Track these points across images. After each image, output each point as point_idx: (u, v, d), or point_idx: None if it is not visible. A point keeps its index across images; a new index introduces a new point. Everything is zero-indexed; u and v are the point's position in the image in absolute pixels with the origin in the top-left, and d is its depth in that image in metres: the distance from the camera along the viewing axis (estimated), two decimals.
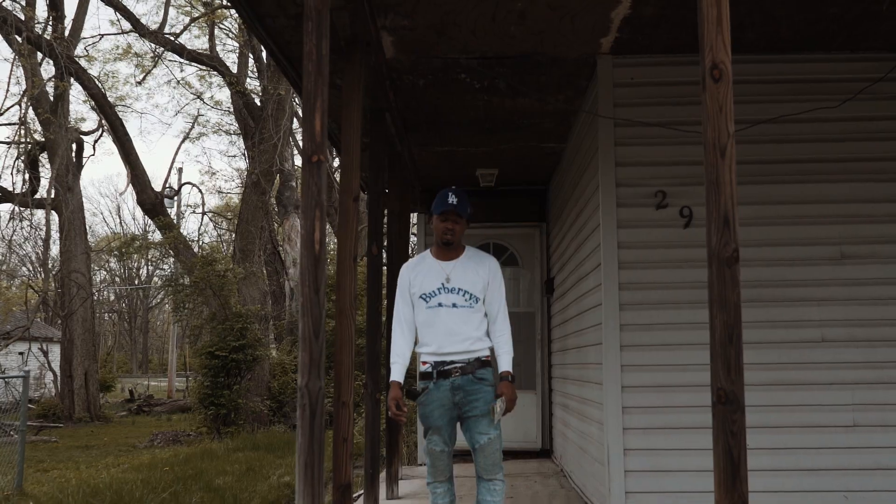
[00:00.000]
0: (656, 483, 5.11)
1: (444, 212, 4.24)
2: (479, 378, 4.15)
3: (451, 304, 4.18)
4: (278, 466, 10.41)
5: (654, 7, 4.67)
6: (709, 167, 3.22)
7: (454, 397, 4.13)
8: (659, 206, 5.27)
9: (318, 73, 3.39)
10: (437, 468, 4.23)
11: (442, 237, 4.27)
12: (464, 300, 4.19)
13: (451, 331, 4.16)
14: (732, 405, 3.20)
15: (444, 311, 4.18)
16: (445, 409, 4.14)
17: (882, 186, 5.26)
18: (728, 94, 3.23)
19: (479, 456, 4.15)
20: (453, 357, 4.15)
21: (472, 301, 4.21)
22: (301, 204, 3.42)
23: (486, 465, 4.15)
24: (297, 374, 3.33)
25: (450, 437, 4.20)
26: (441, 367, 4.16)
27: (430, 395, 4.16)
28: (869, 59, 5.26)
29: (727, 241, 3.18)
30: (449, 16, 4.79)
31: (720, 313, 3.21)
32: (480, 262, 4.32)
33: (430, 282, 4.24)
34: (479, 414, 4.12)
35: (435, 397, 4.15)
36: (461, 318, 4.17)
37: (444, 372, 4.15)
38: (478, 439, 4.11)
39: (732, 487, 3.14)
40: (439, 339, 4.17)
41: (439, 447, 4.18)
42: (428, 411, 4.17)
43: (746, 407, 5.00)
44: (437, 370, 4.16)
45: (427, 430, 4.23)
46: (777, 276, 5.23)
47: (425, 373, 4.22)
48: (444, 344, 4.16)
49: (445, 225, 4.25)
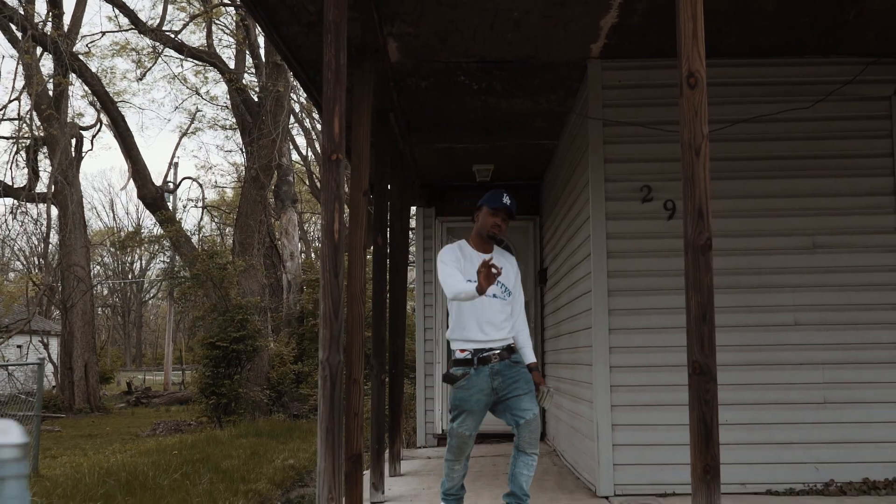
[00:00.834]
0: (641, 455, 5.53)
1: (499, 209, 4.50)
2: (515, 361, 4.41)
3: (493, 295, 4.39)
4: (281, 451, 10.80)
5: (640, 16, 5.07)
6: (685, 165, 3.62)
7: (493, 382, 4.32)
8: (645, 200, 5.68)
9: (337, 80, 3.78)
10: (463, 450, 4.41)
11: (490, 230, 4.52)
12: (501, 292, 4.47)
13: (491, 320, 4.38)
14: (706, 376, 3.59)
15: (487, 301, 4.37)
16: (484, 395, 4.32)
17: (851, 181, 5.68)
18: (702, 99, 3.63)
19: (524, 430, 4.34)
20: (492, 345, 4.37)
21: (506, 294, 4.50)
22: (322, 197, 3.81)
23: (530, 440, 4.34)
24: (319, 349, 3.71)
25: (478, 423, 4.40)
26: (480, 354, 4.35)
27: (470, 381, 4.33)
28: (838, 63, 5.67)
29: (701, 231, 3.59)
30: (451, 24, 5.18)
31: (695, 295, 3.61)
32: (509, 260, 4.65)
33: (474, 269, 4.38)
34: (522, 393, 4.34)
35: (475, 383, 4.32)
36: (500, 309, 4.43)
37: (484, 358, 4.34)
38: (523, 415, 4.31)
39: (706, 449, 3.55)
40: (481, 326, 4.36)
41: (469, 431, 4.36)
42: (467, 395, 4.33)
43: (725, 385, 5.47)
44: (476, 357, 4.35)
45: (460, 413, 4.37)
46: (753, 264, 5.65)
47: (465, 360, 4.38)
48: (486, 332, 4.36)
49: (496, 220, 4.51)
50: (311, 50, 5.53)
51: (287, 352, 18.97)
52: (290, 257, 21.20)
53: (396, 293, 7.19)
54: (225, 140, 58.36)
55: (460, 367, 4.39)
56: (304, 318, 20.76)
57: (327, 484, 3.64)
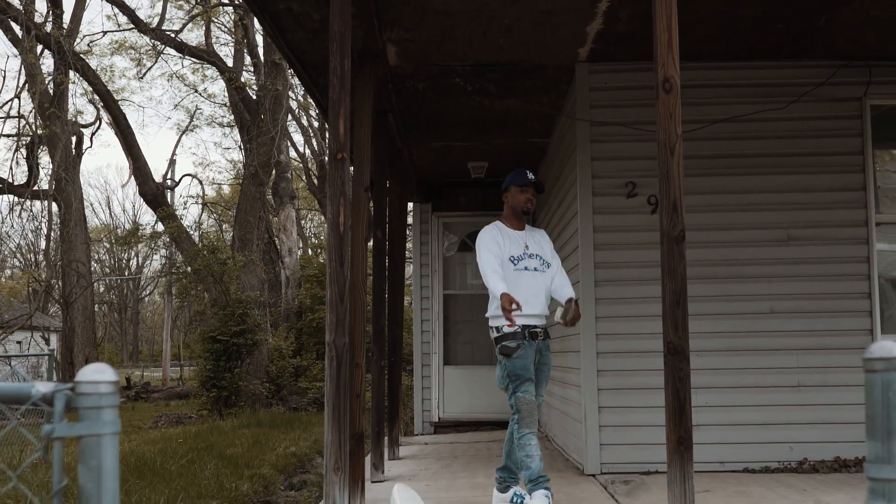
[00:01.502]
0: (626, 436, 5.88)
1: (527, 184, 4.78)
2: (548, 347, 4.74)
3: (534, 269, 4.70)
4: (283, 440, 11.12)
5: (624, 23, 5.41)
6: (661, 163, 3.96)
7: (536, 357, 4.62)
8: (629, 196, 6.02)
9: (342, 85, 4.11)
10: (532, 416, 4.56)
11: (523, 206, 4.80)
12: (540, 264, 4.73)
13: (534, 292, 4.63)
14: (679, 356, 3.93)
15: (529, 274, 4.67)
16: (532, 364, 4.59)
17: (823, 178, 6.03)
18: (677, 103, 3.97)
19: None
20: (535, 321, 4.63)
21: (545, 266, 4.75)
22: (328, 193, 4.14)
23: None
24: (326, 332, 4.04)
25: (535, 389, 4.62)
26: (529, 329, 4.59)
27: (525, 351, 4.56)
28: (811, 66, 6.02)
29: (675, 223, 3.93)
30: (447, 30, 5.52)
31: (669, 282, 3.95)
32: (541, 234, 4.92)
33: (515, 247, 4.71)
34: (542, 379, 4.71)
35: (527, 353, 4.56)
36: (540, 281, 4.70)
37: (533, 334, 4.60)
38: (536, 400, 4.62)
39: (680, 421, 3.89)
40: (525, 299, 4.52)
41: (532, 395, 4.57)
42: (525, 363, 4.54)
43: (705, 370, 5.83)
44: (526, 331, 4.58)
45: (521, 382, 4.55)
46: (732, 256, 5.99)
47: (515, 333, 4.56)
48: (529, 305, 4.56)
49: (527, 196, 4.79)
50: (314, 54, 5.85)
51: (286, 346, 19.28)
52: (288, 253, 21.51)
53: (394, 285, 7.53)
54: (222, 137, 58.62)
55: (512, 339, 4.57)
56: (303, 314, 21.07)
57: (334, 455, 3.98)
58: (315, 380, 18.50)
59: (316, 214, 34.64)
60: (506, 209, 4.91)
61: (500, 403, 9.80)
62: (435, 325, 10.07)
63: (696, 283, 5.84)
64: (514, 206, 4.84)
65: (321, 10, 5.10)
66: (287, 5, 5.09)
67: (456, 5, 5.15)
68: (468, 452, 7.72)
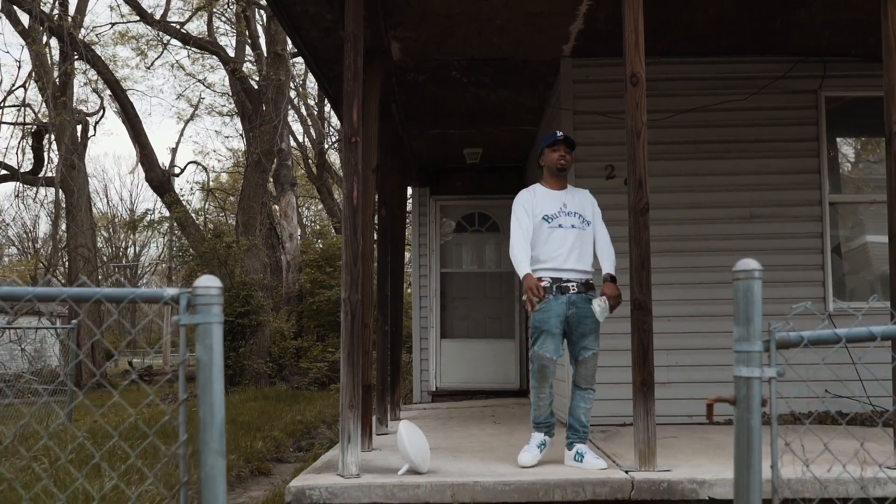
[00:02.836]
0: (606, 393, 6.55)
1: (557, 142, 4.81)
2: (590, 299, 4.70)
3: (571, 226, 4.74)
4: (288, 411, 11.81)
5: (602, 23, 6.09)
6: (629, 146, 4.65)
7: (568, 311, 4.64)
8: (608, 177, 6.71)
9: (355, 79, 4.77)
10: (545, 374, 4.67)
11: (557, 164, 4.82)
12: (579, 222, 4.77)
13: (571, 249, 4.69)
14: (643, 310, 4.62)
15: (563, 231, 4.72)
16: (559, 321, 4.64)
17: (781, 162, 6.73)
18: (642, 94, 4.65)
19: (580, 367, 4.73)
20: (569, 276, 4.67)
21: (584, 224, 4.79)
22: (343, 172, 4.82)
23: (585, 376, 4.75)
24: (341, 290, 4.72)
25: (557, 347, 4.66)
26: (559, 283, 4.65)
27: (549, 305, 4.62)
28: (770, 61, 6.72)
29: (640, 197, 4.62)
30: (446, 29, 6.19)
31: (636, 248, 4.64)
32: (583, 193, 4.95)
33: (550, 206, 4.72)
34: (587, 331, 4.69)
35: (552, 307, 4.62)
36: (579, 238, 4.73)
37: (563, 287, 4.65)
38: (583, 353, 4.70)
39: (643, 365, 4.58)
40: (560, 256, 4.65)
41: (549, 353, 4.62)
42: (546, 318, 4.62)
43: (676, 333, 6.53)
44: (556, 285, 4.65)
45: (539, 335, 4.64)
46: (700, 231, 6.69)
47: (544, 287, 4.63)
48: (565, 261, 4.66)
49: (559, 153, 4.82)
50: (326, 50, 6.51)
51: (287, 328, 19.97)
52: (289, 238, 22.17)
53: (395, 260, 8.21)
54: (222, 126, 59.13)
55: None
56: (303, 297, 21.76)
57: (348, 395, 4.66)
58: (315, 360, 19.16)
59: (314, 202, 35.21)
60: (544, 172, 4.96)
61: (493, 374, 10.54)
62: (433, 301, 10.77)
63: (668, 256, 6.57)
64: (549, 166, 4.88)
65: (333, 11, 5.76)
66: (304, 7, 5.76)
67: (454, 8, 5.82)
68: (464, 414, 8.43)
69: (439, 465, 4.79)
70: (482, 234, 11.03)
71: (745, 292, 2.14)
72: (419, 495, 4.23)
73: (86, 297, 2.22)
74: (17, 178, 21.74)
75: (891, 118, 4.60)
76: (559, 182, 4.90)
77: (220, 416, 2.13)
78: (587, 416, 4.82)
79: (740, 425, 2.13)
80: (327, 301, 19.95)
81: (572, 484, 4.25)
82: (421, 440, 4.62)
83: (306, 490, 4.28)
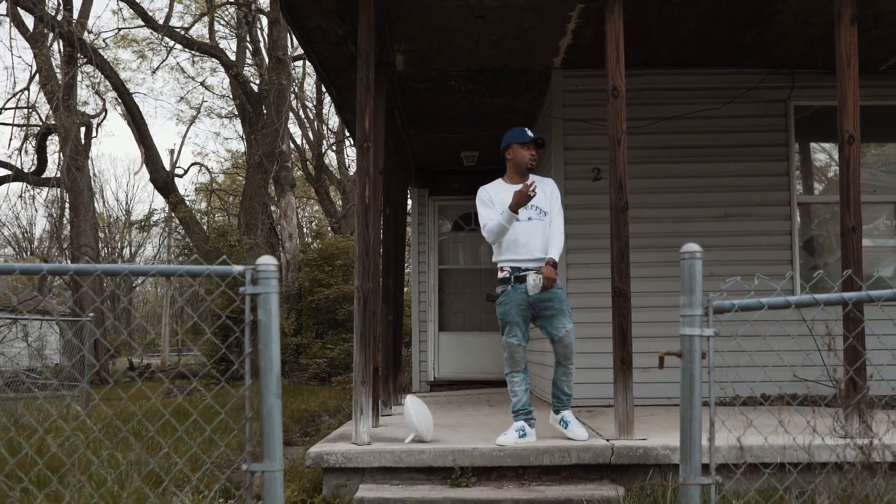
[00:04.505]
0: (590, 376, 7.16)
1: (529, 141, 4.98)
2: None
3: (528, 218, 4.92)
4: (292, 402, 12.36)
5: (589, 39, 6.67)
6: (610, 152, 5.23)
7: (529, 298, 4.86)
8: (595, 179, 7.29)
9: (367, 91, 5.34)
10: (515, 359, 4.96)
11: (528, 163, 5.01)
12: (536, 213, 4.95)
13: (527, 241, 4.90)
14: (623, 297, 5.18)
15: (523, 225, 4.91)
16: (521, 309, 4.89)
17: (754, 165, 7.33)
18: (622, 105, 5.23)
19: (558, 346, 4.98)
20: (528, 265, 4.88)
21: (541, 215, 4.96)
22: (356, 172, 5.39)
23: (564, 354, 5.00)
24: (355, 279, 5.28)
25: (524, 333, 4.94)
26: (517, 273, 4.90)
27: (508, 296, 4.89)
28: (743, 73, 7.33)
29: (620, 197, 5.19)
30: (445, 42, 6.77)
31: (616, 242, 5.21)
32: (544, 182, 5.09)
33: (509, 200, 4.83)
34: (555, 313, 4.90)
35: (512, 298, 4.88)
36: (534, 230, 4.92)
37: (520, 277, 4.89)
38: (556, 332, 4.94)
39: (623, 346, 5.15)
40: (516, 248, 4.88)
41: (516, 340, 4.92)
42: (507, 310, 4.89)
43: (657, 322, 7.08)
44: (513, 275, 4.91)
45: (505, 326, 4.93)
46: (678, 229, 7.28)
47: (503, 279, 4.92)
48: (521, 252, 4.89)
49: (530, 152, 5.02)
50: (335, 61, 7.08)
51: (287, 325, 20.48)
52: (288, 238, 22.71)
53: (397, 255, 8.78)
54: (221, 127, 59.64)
55: (500, 285, 4.97)
56: (302, 295, 22.27)
57: (361, 371, 5.23)
58: (314, 357, 19.63)
59: (312, 204, 35.70)
60: (508, 166, 5.10)
61: (488, 364, 11.13)
62: (431, 296, 11.35)
63: (649, 251, 7.15)
64: (517, 163, 5.03)
65: (344, 27, 6.33)
66: (317, 23, 6.33)
67: (452, 23, 6.40)
68: (461, 400, 9.00)
69: (441, 436, 5.35)
70: (478, 232, 11.57)
71: (689, 269, 2.72)
72: (424, 460, 4.80)
73: (167, 273, 2.78)
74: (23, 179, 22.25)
75: (842, 127, 5.19)
76: (520, 178, 5.08)
77: (276, 365, 2.70)
78: (570, 386, 5.12)
79: (685, 373, 2.72)
80: (326, 299, 20.44)
81: (559, 450, 4.82)
82: (425, 412, 5.19)
83: (324, 455, 4.86)
